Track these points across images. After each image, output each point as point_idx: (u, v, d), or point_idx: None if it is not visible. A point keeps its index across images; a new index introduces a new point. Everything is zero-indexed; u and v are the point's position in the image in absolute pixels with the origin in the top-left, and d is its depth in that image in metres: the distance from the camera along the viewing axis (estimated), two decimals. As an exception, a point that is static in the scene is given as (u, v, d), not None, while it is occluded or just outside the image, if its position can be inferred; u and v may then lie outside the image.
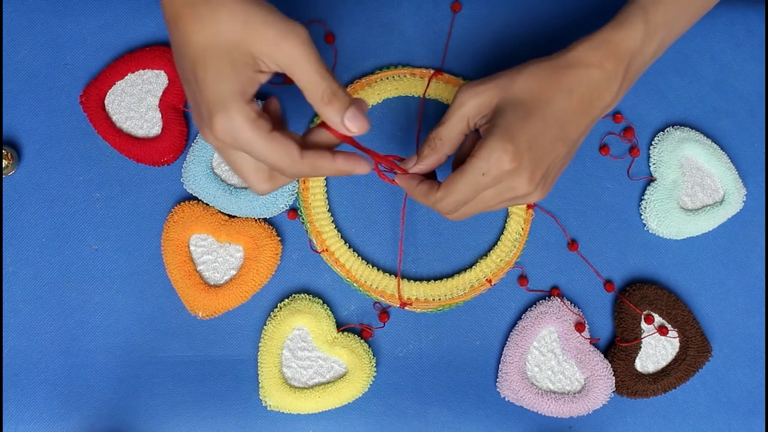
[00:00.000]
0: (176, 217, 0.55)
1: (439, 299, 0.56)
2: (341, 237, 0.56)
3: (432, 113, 0.58)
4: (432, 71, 0.58)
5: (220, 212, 0.55)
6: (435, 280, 0.56)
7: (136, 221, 0.56)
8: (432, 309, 0.56)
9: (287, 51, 0.39)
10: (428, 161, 0.46)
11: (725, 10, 0.61)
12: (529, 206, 0.57)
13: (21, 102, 0.56)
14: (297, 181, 0.56)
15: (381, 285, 0.55)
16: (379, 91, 0.57)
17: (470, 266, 0.56)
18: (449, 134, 0.45)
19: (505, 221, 0.57)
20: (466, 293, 0.56)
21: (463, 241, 0.57)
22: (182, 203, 0.55)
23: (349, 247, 0.56)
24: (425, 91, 0.58)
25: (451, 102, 0.46)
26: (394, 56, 0.59)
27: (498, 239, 0.57)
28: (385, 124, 0.58)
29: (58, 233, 0.55)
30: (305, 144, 0.42)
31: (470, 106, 0.44)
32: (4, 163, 0.54)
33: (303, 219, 0.56)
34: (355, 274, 0.55)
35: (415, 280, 0.56)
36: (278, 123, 0.43)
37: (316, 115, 0.58)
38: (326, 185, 0.57)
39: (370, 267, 0.56)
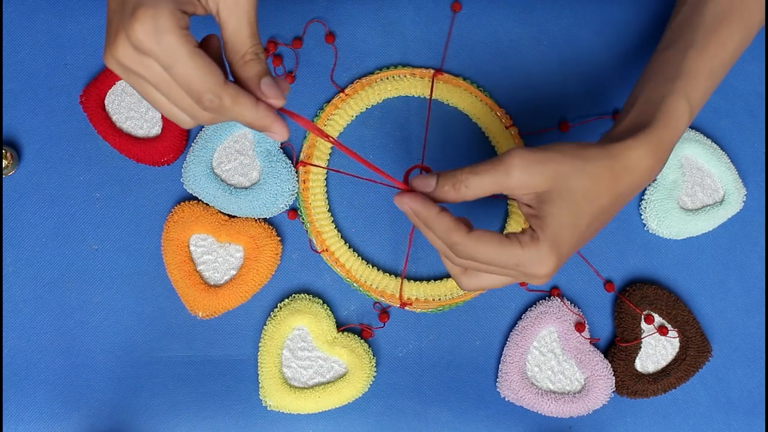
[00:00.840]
0: (176, 217, 0.55)
1: (439, 299, 0.56)
2: (341, 237, 0.56)
3: (432, 114, 0.58)
4: (432, 71, 0.58)
5: (220, 212, 0.55)
6: (435, 280, 0.56)
7: (136, 221, 0.56)
8: (432, 309, 0.56)
9: None
10: (444, 197, 0.41)
11: (725, 10, 0.61)
12: None
13: (21, 102, 0.56)
14: (296, 180, 0.56)
15: (381, 285, 0.55)
16: (379, 91, 0.57)
17: None
18: (478, 188, 0.41)
19: (505, 221, 0.57)
20: (466, 293, 0.56)
21: None
22: (182, 203, 0.55)
23: (349, 247, 0.56)
24: (431, 93, 0.58)
25: (499, 155, 0.41)
26: (394, 56, 0.59)
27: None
28: (384, 123, 0.58)
29: (58, 233, 0.55)
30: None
31: (517, 180, 0.40)
32: (4, 163, 0.54)
33: (303, 219, 0.56)
34: (355, 274, 0.55)
35: (415, 280, 0.56)
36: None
37: (316, 115, 0.58)
38: (326, 185, 0.57)
39: (370, 267, 0.56)
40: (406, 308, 0.55)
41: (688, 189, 0.58)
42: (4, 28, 0.57)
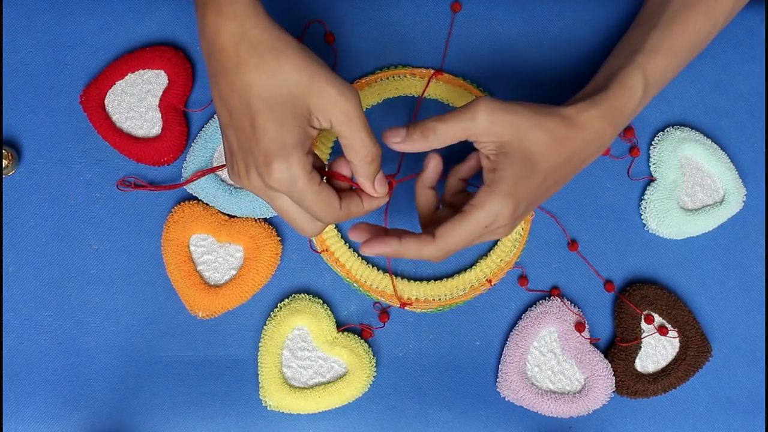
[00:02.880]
0: (176, 217, 0.55)
1: (439, 299, 0.56)
2: (341, 237, 0.56)
3: (432, 113, 0.58)
4: (432, 71, 0.58)
5: (220, 212, 0.55)
6: (435, 280, 0.56)
7: (136, 221, 0.56)
8: (432, 309, 0.56)
9: (344, 108, 0.41)
10: (413, 145, 0.45)
11: (725, 10, 0.61)
12: None
13: (21, 102, 0.56)
14: None
15: (381, 285, 0.55)
16: (379, 91, 0.57)
17: (470, 266, 0.56)
18: (446, 133, 0.44)
19: None
20: (466, 293, 0.56)
21: None
22: (182, 203, 0.55)
23: (349, 248, 0.56)
24: (423, 91, 0.58)
25: (462, 104, 0.45)
26: (394, 56, 0.59)
27: (498, 239, 0.57)
28: (385, 124, 0.58)
29: (58, 233, 0.55)
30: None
31: (481, 126, 0.43)
32: (4, 163, 0.54)
33: None
34: (355, 274, 0.55)
35: (415, 280, 0.56)
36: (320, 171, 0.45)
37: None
38: None
39: (370, 267, 0.56)
40: (406, 308, 0.55)
41: (688, 189, 0.58)
42: (4, 28, 0.57)
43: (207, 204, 0.55)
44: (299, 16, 0.58)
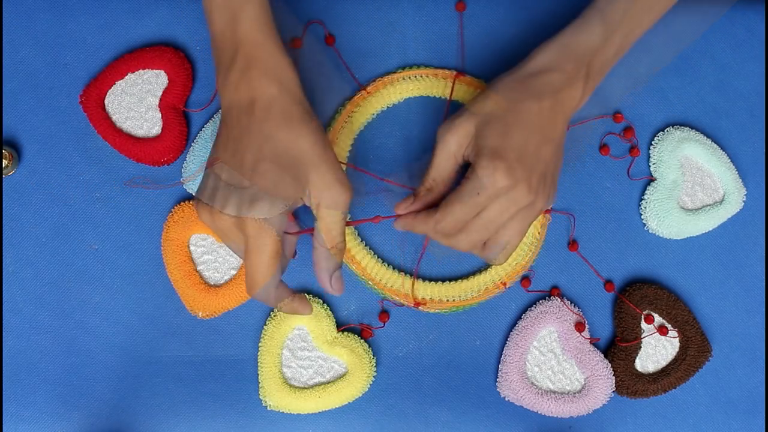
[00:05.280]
0: (176, 217, 0.55)
1: (453, 300, 0.56)
2: (357, 235, 0.56)
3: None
4: (454, 73, 0.58)
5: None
6: (450, 280, 0.56)
7: (136, 221, 0.56)
8: (445, 310, 0.56)
9: (336, 196, 0.44)
10: (425, 200, 0.48)
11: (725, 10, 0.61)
12: (545, 210, 0.57)
13: (21, 102, 0.56)
14: None
15: (396, 284, 0.55)
16: (400, 90, 0.58)
17: (485, 268, 0.56)
18: (441, 174, 0.47)
19: None
20: (480, 295, 0.56)
21: None
22: (182, 203, 0.55)
23: (365, 246, 0.56)
24: (451, 94, 0.58)
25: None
26: (394, 56, 0.59)
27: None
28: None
29: (58, 233, 0.55)
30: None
31: (452, 143, 0.46)
32: (4, 163, 0.54)
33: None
34: (371, 272, 0.55)
35: (430, 280, 0.56)
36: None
37: (336, 111, 0.57)
38: None
39: (386, 266, 0.56)
40: (419, 308, 0.55)
41: (688, 189, 0.58)
42: (4, 28, 0.57)
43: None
44: (299, 16, 0.58)
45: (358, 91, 0.58)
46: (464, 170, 0.48)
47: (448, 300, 0.56)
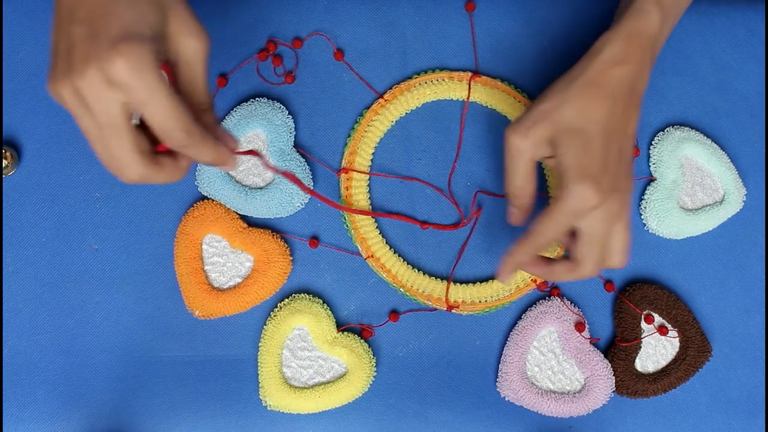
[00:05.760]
0: (196, 213, 0.55)
1: (486, 301, 0.56)
2: (386, 243, 0.56)
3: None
4: (470, 74, 0.58)
5: (241, 219, 0.55)
6: (481, 282, 0.56)
7: (136, 221, 0.56)
8: (479, 311, 0.56)
9: (198, 45, 0.39)
10: (523, 209, 0.48)
11: (725, 9, 0.61)
12: None
13: (21, 102, 0.56)
14: (339, 186, 0.56)
15: (427, 289, 0.55)
16: (417, 96, 0.57)
17: None
18: (523, 183, 0.47)
19: None
20: (512, 294, 0.56)
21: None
22: (205, 200, 0.55)
23: (394, 253, 0.56)
24: (468, 95, 0.58)
25: (504, 148, 0.47)
26: (394, 56, 0.59)
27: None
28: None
29: (58, 233, 0.55)
30: None
31: (528, 150, 0.45)
32: (4, 163, 0.54)
33: (347, 225, 0.56)
34: (401, 278, 0.55)
35: (461, 282, 0.56)
36: None
37: (356, 121, 0.57)
38: (369, 190, 0.57)
39: (416, 271, 0.56)
40: (453, 311, 0.55)
41: (688, 189, 0.58)
42: (4, 28, 0.57)
43: (228, 208, 0.55)
44: (299, 16, 0.58)
45: (375, 99, 0.58)
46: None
47: (480, 301, 0.56)
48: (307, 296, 0.55)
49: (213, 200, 0.55)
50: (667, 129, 0.59)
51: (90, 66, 0.35)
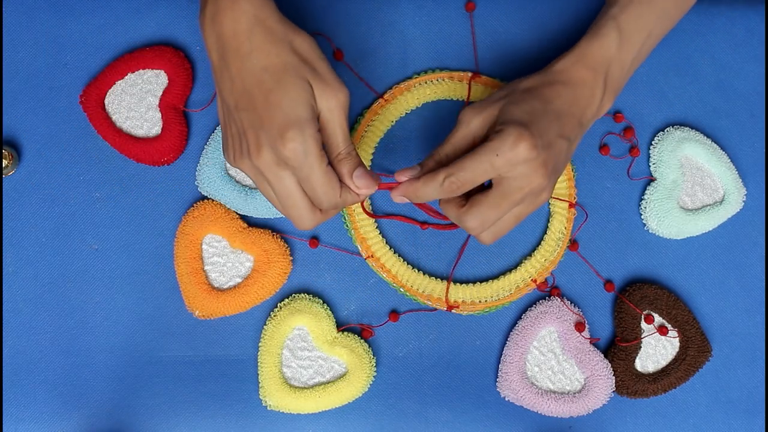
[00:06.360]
0: (196, 213, 0.55)
1: (486, 301, 0.56)
2: (386, 243, 0.56)
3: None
4: (470, 74, 0.58)
5: (240, 219, 0.55)
6: (481, 282, 0.56)
7: (136, 221, 0.56)
8: (478, 311, 0.56)
9: (341, 99, 0.43)
10: (424, 182, 0.46)
11: (725, 10, 0.61)
12: (571, 205, 0.57)
13: (21, 102, 0.56)
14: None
15: (428, 289, 0.55)
16: (417, 95, 0.58)
17: (515, 267, 0.57)
18: (454, 151, 0.46)
19: (548, 221, 0.57)
20: (512, 294, 0.56)
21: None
22: (205, 200, 0.55)
23: (394, 253, 0.56)
24: (468, 95, 0.58)
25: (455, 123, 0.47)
26: (394, 57, 0.59)
27: (541, 239, 0.57)
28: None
29: (58, 233, 0.55)
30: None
31: (475, 123, 0.46)
32: (4, 163, 0.54)
33: (347, 226, 0.56)
34: (401, 278, 0.55)
35: (462, 282, 0.56)
36: None
37: (356, 121, 0.57)
38: None
39: (416, 271, 0.56)
40: (453, 311, 0.55)
41: (688, 189, 0.58)
42: (4, 28, 0.57)
43: (228, 208, 0.55)
44: (299, 16, 0.58)
45: (375, 99, 0.58)
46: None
47: (481, 301, 0.56)
48: (307, 296, 0.55)
49: (213, 200, 0.55)
50: (667, 129, 0.59)
51: (263, 149, 0.42)
